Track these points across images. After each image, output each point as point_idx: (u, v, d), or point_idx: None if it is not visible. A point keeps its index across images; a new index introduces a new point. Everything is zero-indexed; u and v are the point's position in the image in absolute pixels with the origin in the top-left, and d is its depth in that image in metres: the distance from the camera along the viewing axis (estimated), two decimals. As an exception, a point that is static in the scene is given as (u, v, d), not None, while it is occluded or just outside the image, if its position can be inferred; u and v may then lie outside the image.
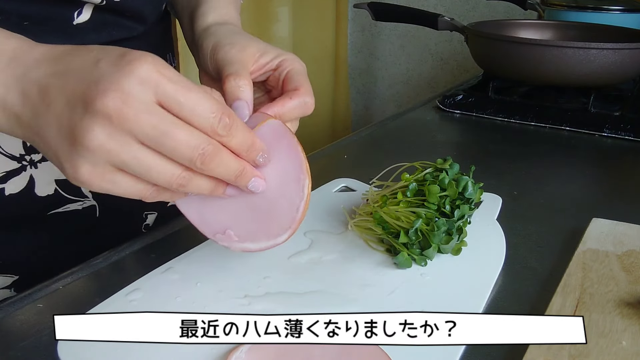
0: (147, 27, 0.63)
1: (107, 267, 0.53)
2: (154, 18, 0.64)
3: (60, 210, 0.60)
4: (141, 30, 0.62)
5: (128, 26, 0.59)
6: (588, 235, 0.56)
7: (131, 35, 0.60)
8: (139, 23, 0.61)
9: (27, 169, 0.56)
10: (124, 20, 0.59)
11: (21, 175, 0.56)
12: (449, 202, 0.52)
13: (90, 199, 0.62)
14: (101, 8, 0.55)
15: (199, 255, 0.53)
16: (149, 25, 0.63)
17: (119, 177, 0.38)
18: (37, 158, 0.56)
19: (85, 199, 0.61)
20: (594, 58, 0.91)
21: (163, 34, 0.70)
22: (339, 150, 0.85)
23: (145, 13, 0.61)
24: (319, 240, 0.55)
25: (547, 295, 0.47)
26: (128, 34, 0.60)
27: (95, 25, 0.55)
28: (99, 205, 0.63)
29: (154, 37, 0.66)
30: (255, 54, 0.50)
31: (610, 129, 0.90)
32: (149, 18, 0.62)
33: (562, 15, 1.27)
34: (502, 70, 1.02)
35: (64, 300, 0.48)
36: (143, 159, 0.37)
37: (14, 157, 0.55)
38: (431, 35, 1.95)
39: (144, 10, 0.60)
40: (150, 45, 0.65)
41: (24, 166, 0.56)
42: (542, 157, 0.84)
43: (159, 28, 0.67)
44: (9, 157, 0.55)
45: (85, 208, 0.62)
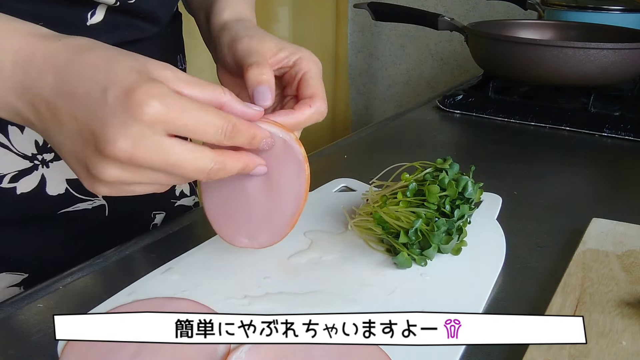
0: (160, 28, 0.63)
1: (107, 267, 0.53)
2: (167, 20, 0.64)
3: (71, 210, 0.61)
4: (154, 32, 0.62)
5: (141, 27, 0.60)
6: (588, 235, 0.56)
7: (143, 37, 0.60)
8: (152, 24, 0.61)
9: (39, 168, 0.57)
10: (137, 22, 0.59)
11: (33, 175, 0.57)
12: (449, 202, 0.52)
13: (100, 198, 0.63)
14: (115, 9, 0.55)
15: (199, 255, 0.53)
16: (161, 26, 0.63)
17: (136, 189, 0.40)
18: (48, 157, 0.57)
19: (95, 199, 0.62)
20: (594, 58, 0.91)
21: (173, 35, 0.70)
22: (339, 150, 0.85)
23: (158, 14, 0.61)
24: (319, 240, 0.55)
25: (547, 295, 0.47)
26: (141, 35, 0.60)
27: (108, 27, 0.56)
28: (108, 205, 0.64)
29: (165, 39, 0.66)
30: (273, 48, 0.51)
31: (610, 129, 0.90)
32: (162, 19, 0.62)
33: (562, 15, 1.27)
34: (502, 70, 1.02)
35: (64, 300, 0.48)
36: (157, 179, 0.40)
37: (25, 157, 0.56)
38: (431, 35, 1.95)
39: (157, 11, 0.60)
40: (161, 47, 0.66)
41: (35, 165, 0.56)
42: (542, 157, 0.84)
43: (170, 29, 0.67)
44: (21, 156, 0.55)
45: (95, 207, 0.63)
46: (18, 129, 0.55)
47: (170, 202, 0.74)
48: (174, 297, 0.47)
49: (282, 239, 0.49)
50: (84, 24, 0.54)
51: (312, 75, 0.50)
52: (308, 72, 0.50)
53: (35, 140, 0.56)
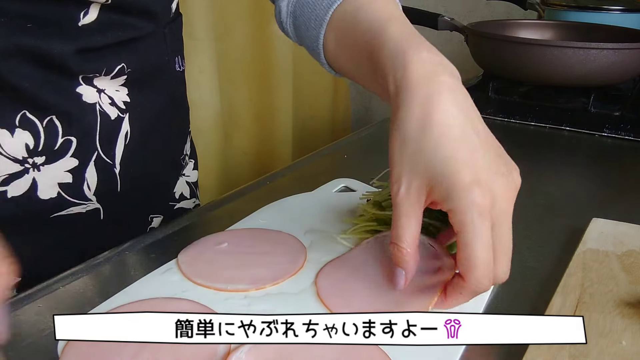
0: (156, 26, 0.61)
1: (107, 267, 0.53)
2: (163, 16, 0.62)
3: (64, 213, 0.60)
4: (150, 30, 0.60)
5: (136, 25, 0.58)
6: (588, 235, 0.56)
7: (139, 35, 0.59)
8: (147, 21, 0.59)
9: (30, 171, 0.55)
10: (132, 19, 0.57)
11: (24, 178, 0.56)
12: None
13: (94, 202, 0.61)
14: (108, 7, 0.54)
15: (198, 256, 0.53)
16: (158, 24, 0.62)
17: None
18: (39, 161, 0.56)
19: (89, 202, 0.61)
20: (594, 58, 0.91)
21: (172, 36, 0.67)
22: (339, 150, 0.85)
23: (153, 10, 0.59)
24: (319, 240, 0.55)
25: (547, 295, 0.47)
26: (136, 34, 0.59)
27: (101, 26, 0.54)
28: (103, 209, 0.62)
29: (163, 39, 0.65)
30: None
31: (610, 129, 0.90)
32: (158, 16, 0.61)
33: (562, 15, 1.27)
34: (502, 70, 1.02)
35: (64, 300, 0.48)
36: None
37: (16, 160, 0.55)
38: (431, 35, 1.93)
39: (152, 7, 0.59)
40: (159, 47, 0.64)
41: (26, 169, 0.55)
42: (542, 157, 0.84)
43: (168, 30, 0.65)
44: (12, 159, 0.54)
45: (89, 211, 0.62)
46: (8, 132, 0.53)
47: (169, 205, 0.73)
48: (174, 297, 0.47)
49: None
50: (75, 24, 0.53)
51: (467, 242, 0.40)
52: (462, 235, 0.40)
53: (26, 144, 0.54)
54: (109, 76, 0.58)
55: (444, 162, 0.40)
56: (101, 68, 0.56)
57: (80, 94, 0.56)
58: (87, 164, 0.58)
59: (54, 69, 0.54)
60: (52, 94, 0.54)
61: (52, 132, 0.55)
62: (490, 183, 0.40)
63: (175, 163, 0.73)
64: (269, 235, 0.56)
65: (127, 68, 0.59)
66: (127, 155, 0.62)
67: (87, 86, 0.57)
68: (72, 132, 0.56)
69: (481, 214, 0.39)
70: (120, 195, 0.63)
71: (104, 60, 0.57)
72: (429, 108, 0.41)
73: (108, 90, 0.58)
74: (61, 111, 0.55)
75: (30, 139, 0.54)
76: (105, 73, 0.57)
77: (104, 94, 0.58)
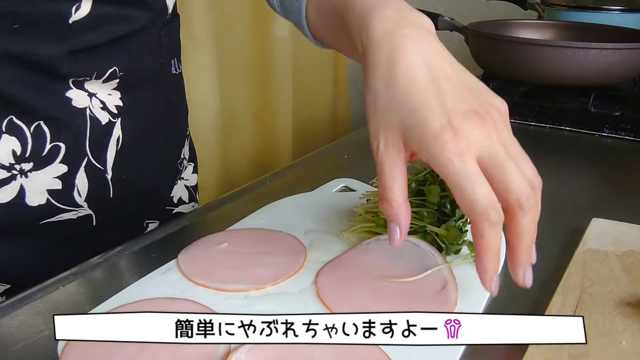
0: (151, 18, 0.59)
1: (107, 267, 0.53)
2: (158, 7, 0.61)
3: (54, 220, 0.58)
4: (144, 22, 0.58)
5: (130, 17, 0.56)
6: (588, 235, 0.56)
7: (133, 29, 0.57)
8: (142, 11, 0.58)
9: (17, 178, 0.54)
10: (126, 10, 0.56)
11: (10, 185, 0.54)
12: (449, 202, 0.52)
13: (86, 208, 0.60)
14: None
15: (198, 256, 0.53)
16: (152, 15, 0.60)
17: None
18: (27, 167, 0.54)
19: (79, 209, 0.59)
20: (594, 58, 0.91)
21: (169, 37, 0.65)
22: (339, 150, 0.85)
23: None
24: (319, 240, 0.55)
25: (547, 295, 0.47)
26: (130, 28, 0.57)
27: (93, 22, 0.53)
28: (95, 215, 0.61)
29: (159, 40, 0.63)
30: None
31: (610, 129, 0.90)
32: (153, 5, 0.59)
33: (562, 15, 1.27)
34: (502, 70, 1.02)
35: (64, 301, 0.48)
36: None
37: (3, 166, 0.53)
38: (431, 35, 1.95)
39: None
40: (153, 50, 0.62)
41: (13, 175, 0.54)
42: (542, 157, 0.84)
43: (165, 31, 0.64)
44: None
45: (81, 217, 0.60)
46: None
47: (166, 210, 0.72)
48: (174, 297, 0.47)
49: None
50: (66, 22, 0.51)
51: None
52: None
53: (13, 150, 0.53)
54: (100, 80, 0.56)
55: (412, 112, 0.40)
56: (92, 71, 0.55)
57: (69, 99, 0.55)
58: (77, 170, 0.57)
59: (42, 72, 0.52)
60: (40, 99, 0.53)
61: (40, 137, 0.54)
62: (462, 123, 0.39)
63: (173, 167, 0.71)
64: (269, 235, 0.56)
65: (119, 71, 0.57)
66: (119, 161, 0.60)
67: (78, 90, 0.55)
68: (60, 138, 0.55)
69: (456, 154, 0.38)
70: (113, 201, 0.61)
71: (95, 62, 0.55)
72: (393, 62, 0.42)
73: (100, 94, 0.57)
74: (49, 116, 0.54)
75: (18, 145, 0.53)
76: (96, 77, 0.56)
77: (95, 98, 0.57)
